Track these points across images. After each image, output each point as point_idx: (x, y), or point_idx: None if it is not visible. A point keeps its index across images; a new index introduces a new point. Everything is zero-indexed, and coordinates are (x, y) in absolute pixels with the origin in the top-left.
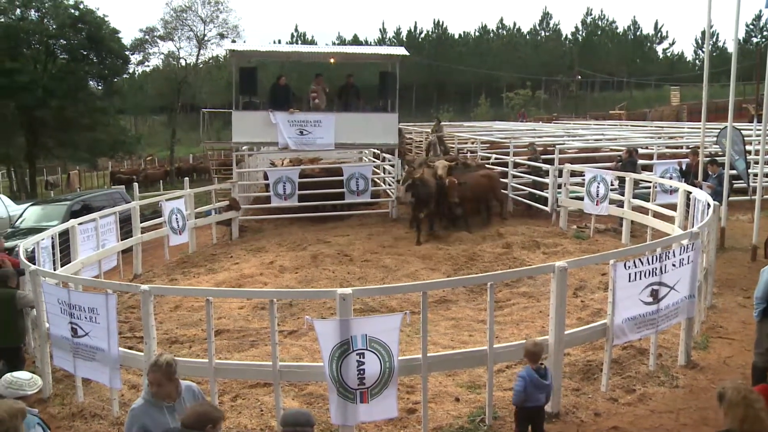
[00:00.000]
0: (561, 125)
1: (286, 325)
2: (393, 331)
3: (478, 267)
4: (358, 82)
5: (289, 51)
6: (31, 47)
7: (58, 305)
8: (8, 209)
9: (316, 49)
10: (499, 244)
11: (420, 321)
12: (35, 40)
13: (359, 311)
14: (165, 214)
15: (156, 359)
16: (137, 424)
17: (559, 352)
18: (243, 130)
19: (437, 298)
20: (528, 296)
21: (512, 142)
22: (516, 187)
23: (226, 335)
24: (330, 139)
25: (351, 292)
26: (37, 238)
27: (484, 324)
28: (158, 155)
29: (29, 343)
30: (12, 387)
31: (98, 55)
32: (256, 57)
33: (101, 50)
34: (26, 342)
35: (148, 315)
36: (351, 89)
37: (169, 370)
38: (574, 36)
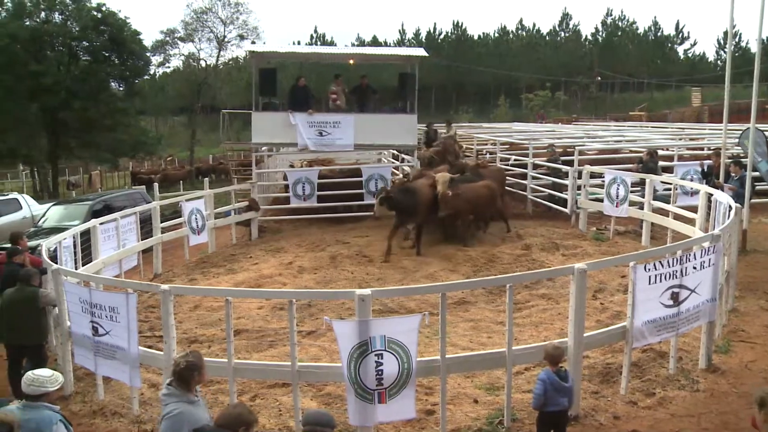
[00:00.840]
0: (581, 126)
1: (304, 326)
2: (412, 332)
3: (497, 268)
4: (376, 84)
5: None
6: (55, 49)
7: (80, 304)
8: (31, 209)
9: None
10: (519, 246)
11: (439, 322)
12: (59, 43)
13: (378, 312)
14: (185, 215)
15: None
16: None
17: (579, 354)
18: (262, 131)
19: (456, 299)
20: (547, 298)
21: (531, 144)
22: (535, 188)
23: (245, 335)
24: (349, 140)
25: (370, 293)
26: (59, 238)
27: (503, 326)
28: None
29: (51, 341)
30: (34, 384)
31: (120, 57)
32: (276, 58)
33: (123, 52)
34: (48, 340)
35: (168, 314)
36: (366, 90)
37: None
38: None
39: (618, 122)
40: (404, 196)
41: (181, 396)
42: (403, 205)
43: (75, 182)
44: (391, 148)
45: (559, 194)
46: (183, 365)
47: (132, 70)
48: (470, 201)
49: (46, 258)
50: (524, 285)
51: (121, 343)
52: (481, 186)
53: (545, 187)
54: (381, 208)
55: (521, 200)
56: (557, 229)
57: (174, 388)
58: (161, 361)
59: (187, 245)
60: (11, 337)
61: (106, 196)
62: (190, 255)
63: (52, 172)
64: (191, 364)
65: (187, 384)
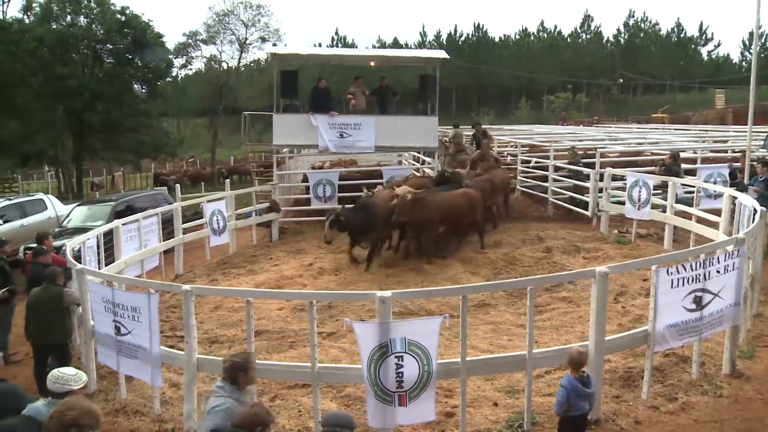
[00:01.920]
0: (602, 129)
1: (325, 327)
2: (432, 335)
3: (518, 271)
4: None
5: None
6: (80, 52)
7: (103, 303)
8: (56, 209)
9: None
10: (540, 249)
11: (459, 325)
12: (84, 46)
13: (398, 314)
14: (206, 216)
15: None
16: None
17: (600, 358)
18: (284, 133)
19: (477, 301)
20: (568, 301)
21: (553, 146)
22: (556, 191)
23: (266, 336)
24: (370, 141)
25: (390, 295)
26: (83, 238)
27: (524, 328)
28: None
29: (75, 340)
30: (59, 382)
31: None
32: (297, 60)
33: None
34: (72, 339)
35: (189, 315)
36: (386, 91)
37: None
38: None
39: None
40: (357, 215)
41: (231, 392)
42: (356, 225)
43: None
44: (412, 150)
45: (581, 197)
46: (228, 364)
47: (154, 73)
48: (440, 210)
49: (70, 258)
50: (545, 288)
51: (143, 342)
52: (457, 194)
53: (566, 189)
54: (331, 231)
55: (542, 203)
56: (578, 232)
57: (225, 383)
58: (182, 361)
59: (208, 246)
60: (38, 336)
61: (129, 197)
62: (211, 256)
63: (77, 173)
64: (235, 364)
65: (235, 382)
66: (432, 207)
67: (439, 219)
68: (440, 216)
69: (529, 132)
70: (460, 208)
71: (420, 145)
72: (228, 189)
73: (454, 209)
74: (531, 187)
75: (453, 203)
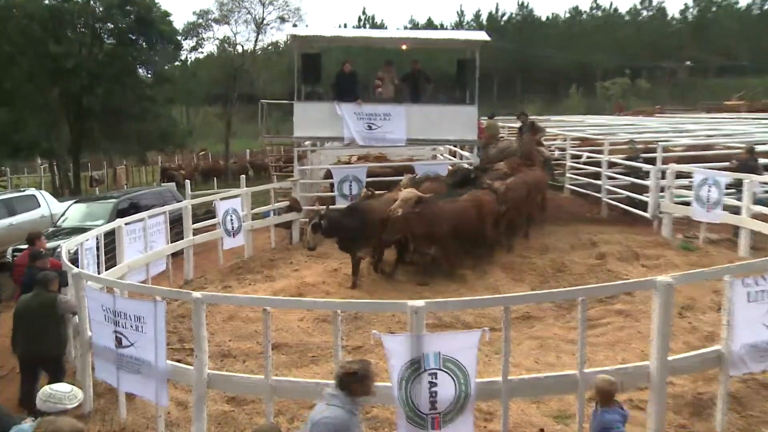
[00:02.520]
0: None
1: (350, 340)
2: (470, 350)
3: (568, 280)
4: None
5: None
6: (77, 30)
7: (102, 312)
8: (50, 207)
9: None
10: (592, 255)
11: (501, 339)
12: (81, 23)
13: (432, 326)
14: (219, 215)
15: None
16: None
17: (662, 380)
18: (305, 123)
19: (520, 313)
20: (625, 315)
21: (607, 139)
22: (611, 189)
23: (285, 350)
24: (401, 134)
25: (424, 305)
26: (80, 239)
27: (574, 345)
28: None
29: (70, 353)
30: (51, 400)
31: (148, 40)
32: (320, 43)
33: (151, 35)
34: (67, 351)
35: (200, 325)
36: (419, 77)
37: None
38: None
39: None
40: (345, 219)
41: (345, 403)
42: (343, 231)
43: (98, 178)
44: (449, 144)
45: (640, 197)
46: (342, 371)
47: (161, 55)
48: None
49: (66, 261)
50: (598, 299)
51: (147, 356)
52: (464, 203)
53: (623, 188)
54: (314, 236)
55: (595, 203)
56: (637, 236)
57: (339, 391)
58: (191, 377)
59: (221, 249)
60: (27, 348)
61: (133, 193)
62: (224, 260)
63: (74, 166)
64: (351, 372)
65: (349, 391)
66: (447, 219)
67: (453, 230)
68: (454, 227)
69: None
70: (471, 220)
71: (457, 137)
72: (243, 185)
73: (466, 220)
74: (582, 186)
75: (464, 214)
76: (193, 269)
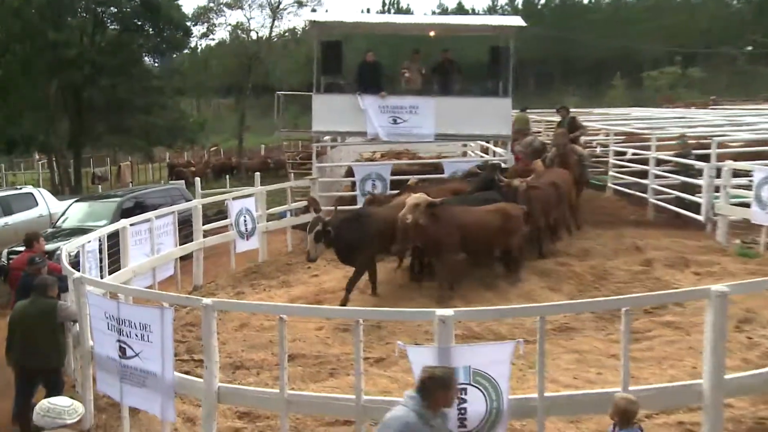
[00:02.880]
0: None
1: (372, 352)
2: (502, 364)
3: (610, 288)
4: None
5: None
6: (78, 16)
7: (105, 320)
8: (49, 206)
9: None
10: (637, 261)
11: (536, 352)
12: (82, 8)
13: (462, 338)
14: (232, 215)
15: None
16: None
17: (718, 401)
18: (325, 117)
19: (557, 324)
20: (674, 327)
21: (655, 134)
22: (659, 189)
23: (301, 361)
24: (429, 128)
25: (452, 314)
26: (81, 241)
27: (617, 360)
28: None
29: (69, 364)
30: (49, 415)
31: (154, 26)
32: (341, 29)
33: (158, 20)
34: (66, 362)
35: (210, 334)
36: (449, 67)
37: None
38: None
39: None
40: (349, 227)
41: (419, 406)
42: (347, 241)
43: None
44: (480, 139)
45: (691, 197)
46: (426, 374)
47: (169, 43)
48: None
49: (66, 264)
50: (644, 310)
51: (153, 367)
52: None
53: (672, 188)
54: (317, 246)
55: (641, 204)
56: (688, 241)
57: (418, 395)
58: (200, 391)
59: (233, 252)
60: (23, 359)
61: (138, 191)
62: (237, 264)
63: (74, 162)
64: (435, 378)
65: (429, 397)
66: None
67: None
68: (475, 238)
69: (626, 116)
70: (495, 230)
71: (490, 132)
72: (258, 184)
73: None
74: (627, 185)
75: (486, 224)
76: (203, 274)
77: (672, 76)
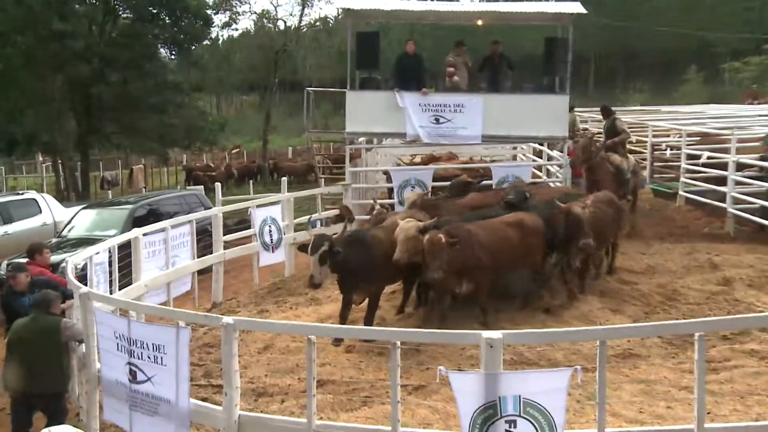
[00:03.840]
0: None
1: (411, 378)
2: (557, 394)
3: (680, 310)
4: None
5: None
6: (86, 3)
7: (114, 340)
8: (53, 213)
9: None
10: (713, 279)
11: (595, 381)
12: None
13: (511, 363)
14: (256, 225)
15: None
16: None
17: None
18: (359, 116)
19: (620, 350)
20: (759, 357)
21: (735, 134)
22: (740, 198)
23: (331, 388)
24: (476, 129)
25: (501, 337)
26: (89, 252)
27: (690, 392)
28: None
29: (73, 389)
30: None
31: (171, 15)
32: (378, 18)
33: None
34: (70, 387)
35: (231, 357)
36: (499, 61)
37: None
38: None
39: None
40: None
41: None
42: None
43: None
44: (533, 141)
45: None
46: None
47: (187, 33)
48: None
49: (72, 278)
50: (722, 336)
51: (167, 393)
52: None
53: (756, 196)
54: (323, 269)
55: (718, 214)
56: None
57: None
58: (219, 419)
59: (256, 265)
60: (22, 383)
61: (152, 198)
62: (260, 279)
63: (82, 165)
64: None
65: None
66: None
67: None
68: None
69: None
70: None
71: (544, 134)
72: (285, 190)
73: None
74: (701, 193)
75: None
76: (223, 290)
77: (758, 68)
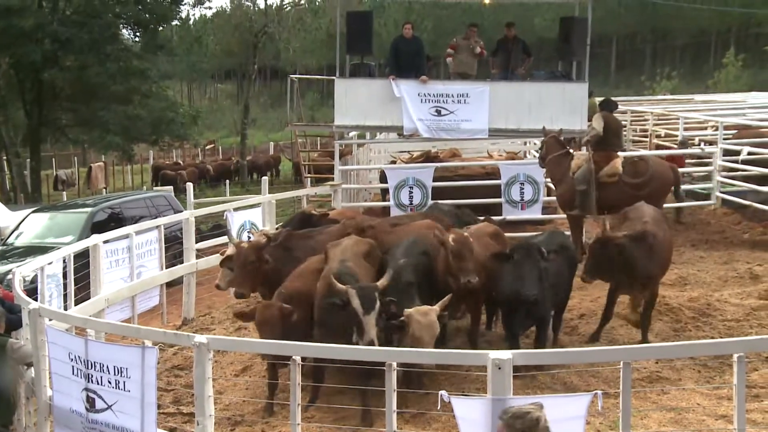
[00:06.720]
0: None
1: (408, 403)
2: (575, 422)
3: (716, 328)
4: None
5: None
6: None
7: (69, 363)
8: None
9: None
10: (753, 293)
11: (618, 408)
12: None
13: (522, 387)
14: (232, 230)
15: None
16: None
17: None
18: (350, 108)
19: (647, 373)
20: None
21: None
22: None
23: (318, 416)
24: (482, 122)
25: (510, 357)
26: (40, 262)
27: (728, 422)
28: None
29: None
30: None
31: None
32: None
33: None
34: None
35: (204, 380)
36: (513, 45)
37: None
38: None
39: None
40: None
41: None
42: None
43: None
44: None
45: None
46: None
47: (154, 13)
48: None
49: (20, 292)
50: (765, 357)
51: (130, 423)
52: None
53: None
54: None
55: (758, 218)
56: None
57: None
58: None
59: None
60: None
61: (115, 200)
62: None
63: (32, 162)
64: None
65: None
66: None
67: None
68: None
69: (740, 104)
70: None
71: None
72: (265, 191)
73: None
74: (740, 194)
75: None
76: (196, 304)
77: None
